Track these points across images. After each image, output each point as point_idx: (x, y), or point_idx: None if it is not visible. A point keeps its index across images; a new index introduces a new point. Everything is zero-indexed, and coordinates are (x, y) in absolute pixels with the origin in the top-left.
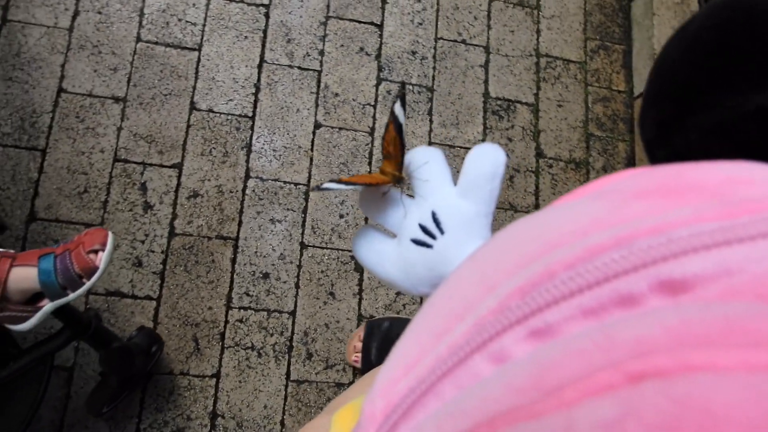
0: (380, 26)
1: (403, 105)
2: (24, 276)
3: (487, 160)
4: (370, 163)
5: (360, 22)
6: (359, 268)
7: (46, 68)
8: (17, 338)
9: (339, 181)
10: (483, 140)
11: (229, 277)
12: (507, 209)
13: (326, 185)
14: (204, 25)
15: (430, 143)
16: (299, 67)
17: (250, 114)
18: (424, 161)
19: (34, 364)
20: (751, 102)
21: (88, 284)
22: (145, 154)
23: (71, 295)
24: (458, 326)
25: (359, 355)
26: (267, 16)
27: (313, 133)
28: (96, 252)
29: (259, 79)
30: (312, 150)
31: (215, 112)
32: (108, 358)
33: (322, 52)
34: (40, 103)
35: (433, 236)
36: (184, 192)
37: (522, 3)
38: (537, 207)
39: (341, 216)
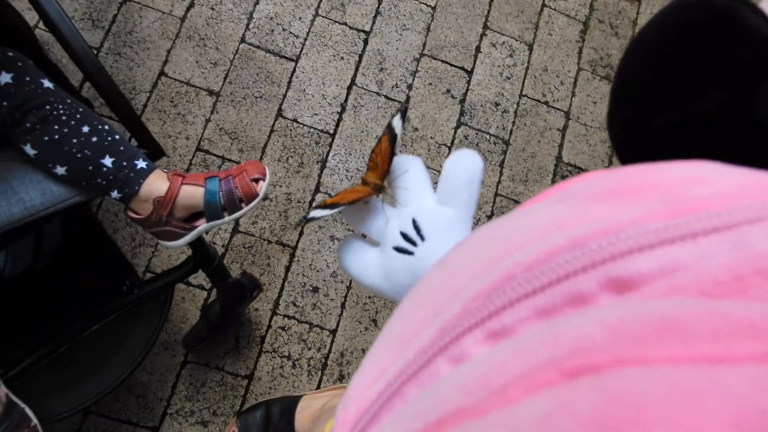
0: (470, 72)
1: (403, 118)
2: (191, 194)
3: (464, 166)
4: None
5: (451, 65)
6: None
7: (153, 50)
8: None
9: (324, 206)
10: None
11: (280, 284)
12: None
13: (312, 214)
14: (305, 39)
15: (497, 194)
16: (386, 96)
17: (332, 131)
18: (404, 170)
19: (159, 293)
20: (712, 99)
21: (246, 209)
22: (226, 149)
23: (227, 218)
24: (426, 330)
25: None
26: (365, 42)
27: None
28: (256, 181)
29: (346, 100)
30: None
31: (299, 123)
32: (226, 291)
33: (410, 86)
34: (140, 81)
35: (414, 243)
36: None
37: (608, 77)
38: None
39: None
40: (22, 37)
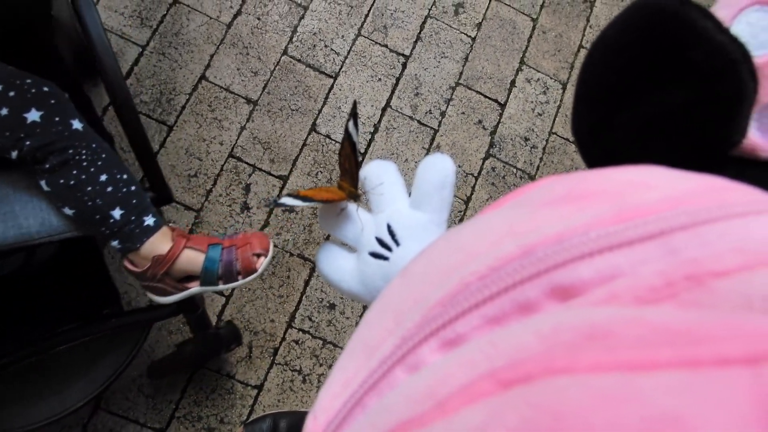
0: (503, 105)
1: (356, 123)
2: (191, 259)
3: (436, 170)
4: None
5: (485, 96)
6: None
7: (196, 54)
8: (121, 299)
9: (297, 196)
10: None
11: (298, 297)
12: None
13: (283, 200)
14: (346, 57)
15: None
16: (419, 121)
17: (363, 150)
18: (378, 176)
19: (135, 327)
20: (673, 97)
21: (241, 282)
22: (258, 159)
23: (221, 287)
24: (388, 339)
25: None
26: (404, 66)
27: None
28: (258, 255)
29: (379, 121)
30: None
31: (332, 139)
32: (203, 341)
33: (443, 113)
34: (181, 83)
35: (389, 248)
36: None
37: None
38: None
39: None
40: (65, 69)
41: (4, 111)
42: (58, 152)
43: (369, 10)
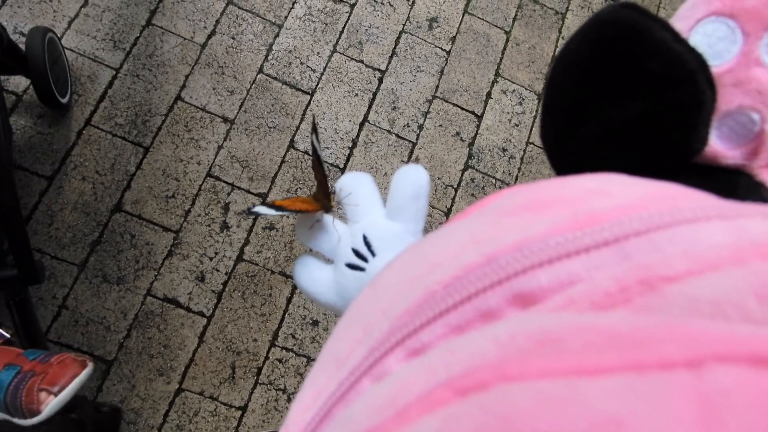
0: (480, 117)
1: (317, 136)
2: None
3: (410, 181)
4: None
5: (462, 108)
6: None
7: (171, 75)
8: None
9: (271, 205)
10: None
11: (280, 315)
12: None
13: (257, 209)
14: (322, 74)
15: None
16: (397, 135)
17: (342, 165)
18: (353, 187)
19: None
20: (629, 109)
21: (24, 422)
22: (237, 177)
23: (12, 418)
24: (357, 350)
25: None
26: (380, 81)
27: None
28: (50, 393)
29: (357, 136)
30: None
31: (310, 156)
32: (60, 429)
33: (421, 127)
34: (156, 104)
35: (365, 259)
36: (261, 222)
37: None
38: None
39: None
40: None
41: None
42: None
43: (344, 27)
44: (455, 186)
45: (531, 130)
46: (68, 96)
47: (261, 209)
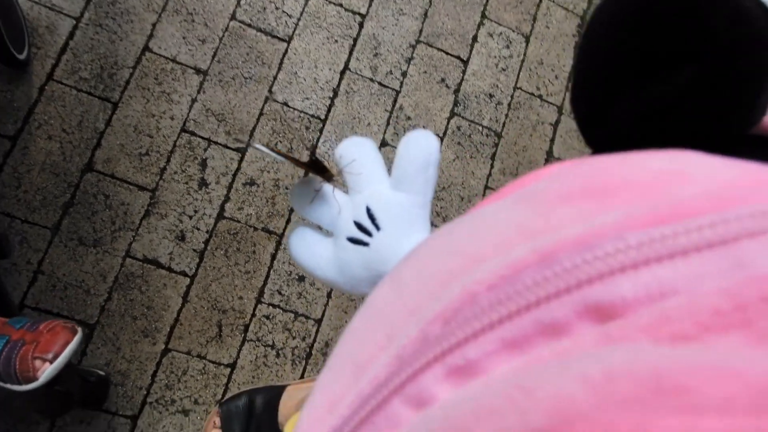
0: (465, 62)
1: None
2: None
3: (419, 149)
4: None
5: (447, 53)
6: None
7: (137, 23)
8: None
9: (272, 149)
10: None
11: (265, 272)
12: None
13: (258, 145)
14: (299, 20)
15: (486, 186)
16: (380, 83)
17: (323, 117)
18: (355, 153)
19: None
20: (682, 76)
21: (21, 388)
22: (213, 132)
23: (5, 384)
24: (381, 357)
25: None
26: (361, 25)
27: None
28: (45, 360)
29: (338, 85)
30: None
31: (289, 107)
32: (45, 400)
33: (404, 74)
34: (123, 56)
35: (368, 233)
36: (241, 177)
37: None
38: None
39: None
40: None
41: None
42: None
43: None
44: (441, 135)
45: (518, 74)
46: (26, 51)
47: (262, 148)
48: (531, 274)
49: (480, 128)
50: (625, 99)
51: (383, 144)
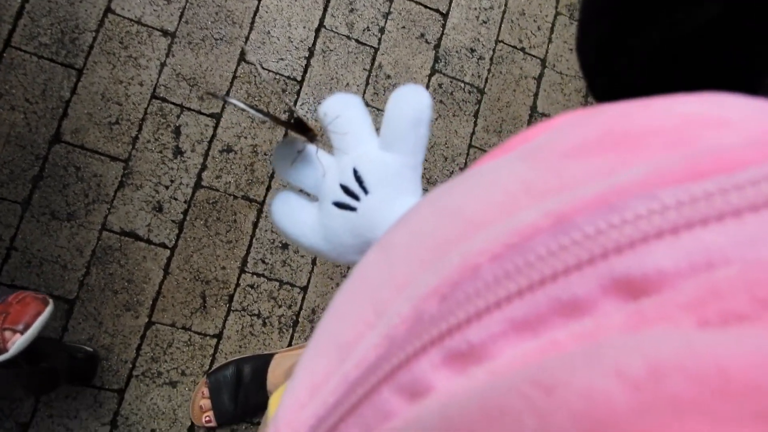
0: (445, 15)
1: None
2: None
3: (409, 105)
4: None
5: (426, 6)
6: None
7: None
8: None
9: (251, 105)
10: None
11: (248, 241)
12: None
13: (234, 101)
14: None
15: (470, 145)
16: (357, 41)
17: (299, 78)
18: (341, 111)
19: None
20: (703, 12)
21: None
22: (185, 97)
23: None
24: (369, 336)
25: (210, 413)
26: None
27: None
28: (15, 332)
29: (314, 44)
30: None
31: (264, 68)
32: (30, 377)
33: (382, 30)
34: (84, 19)
35: (356, 197)
36: (217, 144)
37: None
38: None
39: None
40: None
41: None
42: None
43: None
44: None
45: (500, 27)
46: None
47: (239, 103)
48: (544, 242)
49: (462, 85)
50: (635, 38)
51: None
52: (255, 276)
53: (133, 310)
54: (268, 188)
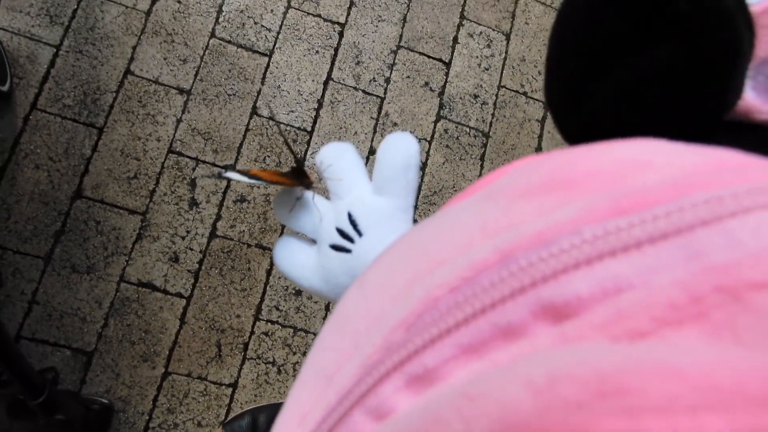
0: (448, 64)
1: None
2: None
3: (398, 152)
4: (417, 198)
5: (429, 56)
6: None
7: (117, 47)
8: None
9: (245, 173)
10: None
11: (261, 288)
12: None
13: (228, 174)
14: (278, 33)
15: None
16: (364, 91)
17: (309, 128)
18: (335, 158)
19: None
20: (653, 59)
21: None
22: (200, 151)
23: None
24: (346, 367)
25: None
26: (341, 35)
27: (367, 158)
28: None
29: (323, 96)
30: None
31: (275, 121)
32: (47, 430)
33: (388, 80)
34: (105, 81)
35: (351, 239)
36: (231, 195)
37: None
38: None
39: None
40: None
41: None
42: None
43: None
44: (429, 139)
45: (501, 73)
46: (8, 82)
47: (233, 175)
48: (489, 276)
49: (467, 129)
50: (599, 83)
51: (371, 152)
52: (269, 323)
53: (149, 360)
54: (281, 235)
